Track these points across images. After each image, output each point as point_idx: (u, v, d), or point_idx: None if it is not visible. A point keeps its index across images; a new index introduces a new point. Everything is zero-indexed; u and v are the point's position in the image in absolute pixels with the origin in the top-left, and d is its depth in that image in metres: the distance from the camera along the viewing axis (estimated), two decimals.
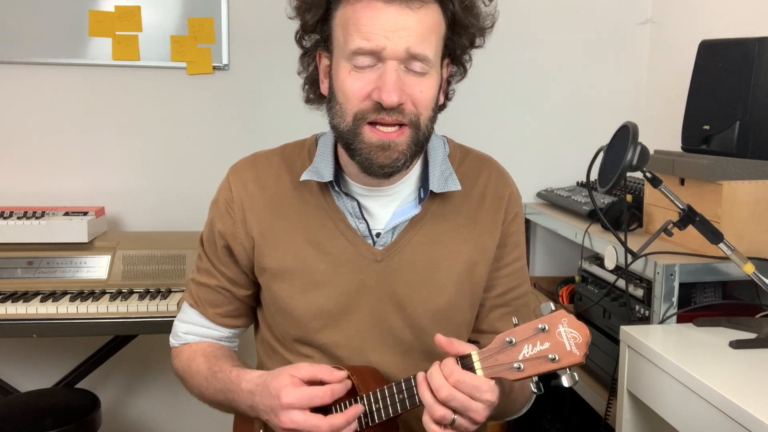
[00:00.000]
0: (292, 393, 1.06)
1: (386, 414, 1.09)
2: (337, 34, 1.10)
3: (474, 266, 1.22)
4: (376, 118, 1.08)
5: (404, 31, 1.05)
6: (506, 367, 0.97)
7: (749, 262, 1.42)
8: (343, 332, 1.20)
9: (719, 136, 1.78)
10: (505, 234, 1.26)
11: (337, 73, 1.10)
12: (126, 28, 2.39)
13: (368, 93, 1.07)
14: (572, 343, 0.94)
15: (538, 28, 2.63)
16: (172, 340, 1.34)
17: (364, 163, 1.11)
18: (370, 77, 1.07)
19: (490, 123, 2.63)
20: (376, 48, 1.05)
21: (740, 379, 1.30)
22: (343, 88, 1.09)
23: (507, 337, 0.98)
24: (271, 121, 2.49)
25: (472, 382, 0.98)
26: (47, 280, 2.07)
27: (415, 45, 1.05)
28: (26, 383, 2.43)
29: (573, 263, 2.41)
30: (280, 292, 1.21)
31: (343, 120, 1.10)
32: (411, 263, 1.20)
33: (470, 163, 1.27)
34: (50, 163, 2.43)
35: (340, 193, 1.19)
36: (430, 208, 1.21)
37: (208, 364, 1.24)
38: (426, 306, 1.20)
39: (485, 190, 1.25)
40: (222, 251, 1.25)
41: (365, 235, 1.20)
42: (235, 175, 1.25)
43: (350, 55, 1.07)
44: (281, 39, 2.50)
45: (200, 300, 1.29)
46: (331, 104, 1.13)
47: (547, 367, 0.95)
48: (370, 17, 1.05)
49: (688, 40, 2.09)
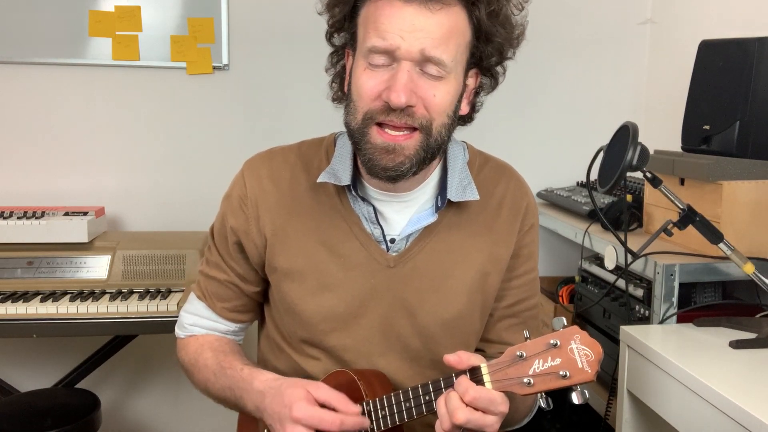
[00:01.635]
0: (305, 409, 1.05)
1: (392, 422, 1.08)
2: (359, 31, 1.10)
3: (486, 276, 1.21)
4: (384, 119, 1.06)
5: (421, 32, 1.03)
6: (516, 381, 0.96)
7: (749, 262, 1.42)
8: (352, 336, 1.19)
9: (719, 136, 1.78)
10: (520, 245, 1.25)
11: (354, 71, 1.10)
12: (126, 28, 2.39)
13: (379, 92, 1.06)
14: (584, 360, 0.93)
15: (539, 28, 2.61)
16: (178, 331, 1.34)
17: (368, 164, 1.09)
18: (383, 76, 1.05)
19: (490, 123, 2.61)
20: (390, 47, 1.03)
21: (740, 379, 1.30)
22: (357, 85, 1.08)
23: (518, 351, 0.96)
24: (272, 121, 2.49)
25: (487, 396, 0.97)
26: (47, 280, 2.07)
27: (431, 47, 1.03)
28: (26, 383, 2.43)
29: (573, 263, 2.41)
30: (290, 293, 1.20)
31: (354, 118, 1.09)
32: (423, 271, 1.19)
33: (489, 171, 1.26)
34: (50, 163, 2.43)
35: (357, 197, 1.18)
36: (447, 216, 1.20)
37: (216, 359, 1.23)
38: (436, 314, 1.19)
39: (503, 200, 1.24)
40: (233, 247, 1.25)
41: (379, 240, 1.19)
42: (250, 171, 1.24)
43: (366, 53, 1.06)
44: (281, 39, 2.52)
45: (208, 293, 1.29)
46: (347, 102, 1.12)
47: (557, 384, 0.94)
48: (387, 15, 1.04)
49: (688, 40, 2.09)
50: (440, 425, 1.00)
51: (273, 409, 1.09)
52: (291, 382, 1.10)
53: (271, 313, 1.29)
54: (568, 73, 2.66)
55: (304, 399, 1.06)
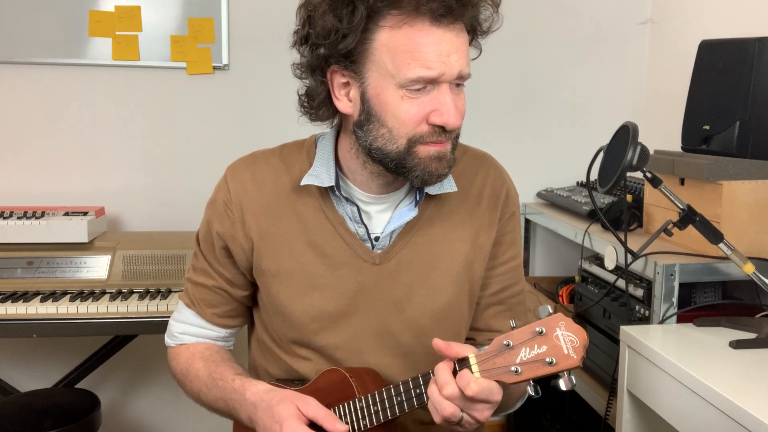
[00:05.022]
0: (295, 428, 1.06)
1: (384, 416, 1.09)
2: (380, 58, 1.06)
3: (471, 265, 1.23)
4: (435, 140, 1.08)
5: (456, 55, 1.05)
6: (504, 370, 0.97)
7: (749, 262, 1.42)
8: (342, 334, 1.20)
9: (719, 136, 1.78)
10: (501, 232, 1.26)
11: (382, 98, 1.07)
12: (126, 28, 2.39)
13: (425, 116, 1.07)
14: (570, 346, 0.94)
15: (539, 28, 2.63)
16: (167, 340, 1.34)
17: (423, 177, 1.10)
18: (424, 100, 1.06)
19: (490, 123, 2.63)
20: (437, 75, 1.04)
21: (740, 379, 1.30)
22: (396, 113, 1.07)
23: (504, 340, 0.97)
24: (271, 121, 2.49)
25: (487, 387, 0.97)
26: (47, 280, 2.07)
27: (465, 66, 1.07)
28: (26, 383, 2.43)
29: (573, 263, 2.41)
30: (279, 294, 1.20)
31: (393, 143, 1.08)
32: (409, 265, 1.20)
33: (467, 161, 1.27)
34: (50, 163, 2.43)
35: (340, 198, 1.19)
36: (428, 210, 1.21)
37: (207, 370, 1.24)
38: (425, 307, 1.20)
39: (482, 189, 1.25)
40: (220, 252, 1.25)
41: (364, 238, 1.20)
42: (233, 175, 1.24)
43: (408, 83, 1.05)
44: (281, 39, 2.49)
45: (197, 300, 1.29)
46: (370, 127, 1.09)
47: (544, 371, 0.95)
48: (425, 44, 1.03)
49: (688, 40, 2.10)
50: (436, 411, 1.01)
51: (264, 424, 1.10)
52: (282, 397, 1.11)
53: (260, 316, 1.29)
54: (569, 73, 2.67)
55: (294, 416, 1.07)
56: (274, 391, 1.13)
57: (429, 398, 1.02)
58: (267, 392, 1.13)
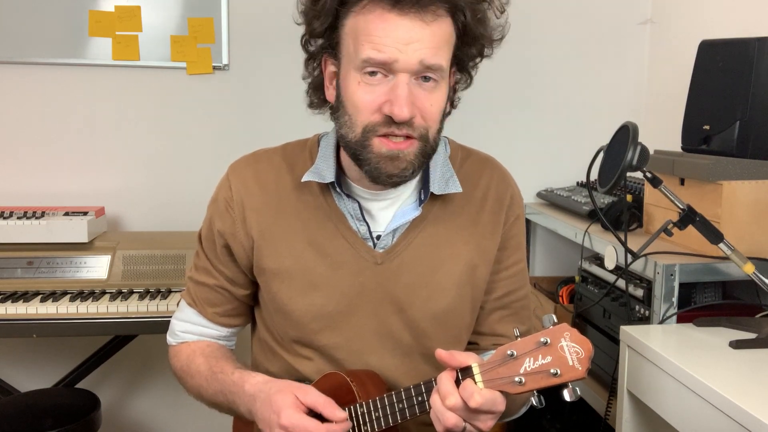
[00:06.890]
0: (292, 416, 1.06)
1: (386, 423, 1.08)
2: (346, 43, 1.09)
3: (475, 269, 1.22)
4: (386, 131, 1.07)
5: (417, 43, 1.04)
6: (507, 380, 0.96)
7: (749, 262, 1.42)
8: (343, 334, 1.20)
9: (719, 136, 1.78)
10: (506, 237, 1.25)
11: (346, 83, 1.09)
12: (126, 28, 2.39)
13: (379, 106, 1.06)
14: (575, 357, 0.93)
15: (539, 28, 2.63)
16: (169, 339, 1.34)
17: (372, 173, 1.10)
18: (381, 90, 1.06)
19: (490, 123, 2.62)
20: (388, 60, 1.04)
21: (740, 379, 1.30)
22: (353, 99, 1.08)
23: (508, 350, 0.96)
24: (272, 120, 2.49)
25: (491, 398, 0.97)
26: (47, 280, 2.07)
27: (429, 57, 1.05)
28: (26, 383, 2.43)
29: (573, 263, 2.41)
30: (279, 293, 1.20)
31: (352, 131, 1.09)
32: (411, 266, 1.19)
33: (472, 164, 1.27)
34: (50, 163, 2.43)
35: (341, 194, 1.18)
36: (431, 210, 1.21)
37: (208, 365, 1.24)
38: (426, 309, 1.20)
39: (487, 192, 1.25)
40: (221, 251, 1.25)
41: (366, 237, 1.19)
42: (235, 174, 1.24)
43: (360, 65, 1.05)
44: (281, 39, 2.51)
45: (198, 299, 1.29)
46: (339, 113, 1.12)
47: (548, 382, 0.94)
48: (383, 29, 1.04)
49: (688, 40, 2.09)
50: (439, 421, 1.00)
51: (263, 414, 1.10)
52: (280, 387, 1.11)
53: (261, 315, 1.29)
54: (569, 72, 2.66)
55: (292, 406, 1.07)
56: (272, 381, 1.13)
57: (431, 408, 1.01)
58: (265, 383, 1.13)
